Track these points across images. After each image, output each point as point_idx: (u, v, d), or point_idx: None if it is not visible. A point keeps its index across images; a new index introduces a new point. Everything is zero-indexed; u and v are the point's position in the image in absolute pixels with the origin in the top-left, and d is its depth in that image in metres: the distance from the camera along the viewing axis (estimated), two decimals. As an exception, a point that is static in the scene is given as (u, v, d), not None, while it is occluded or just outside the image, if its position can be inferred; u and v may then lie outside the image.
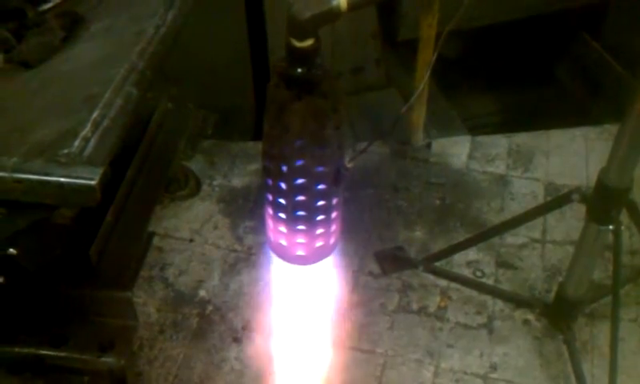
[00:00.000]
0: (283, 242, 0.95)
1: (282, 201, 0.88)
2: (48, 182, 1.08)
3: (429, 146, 2.28)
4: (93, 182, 1.07)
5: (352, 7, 0.73)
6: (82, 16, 1.60)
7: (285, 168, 0.84)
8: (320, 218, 0.91)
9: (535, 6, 2.60)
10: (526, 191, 2.12)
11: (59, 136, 1.15)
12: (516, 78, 2.63)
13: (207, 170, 2.19)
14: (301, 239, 0.93)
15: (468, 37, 2.69)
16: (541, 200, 2.08)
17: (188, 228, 2.05)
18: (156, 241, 1.99)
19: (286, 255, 0.97)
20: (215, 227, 2.05)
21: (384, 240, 2.00)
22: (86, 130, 1.15)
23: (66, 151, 1.11)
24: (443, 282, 1.88)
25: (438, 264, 1.90)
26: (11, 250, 1.34)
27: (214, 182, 2.18)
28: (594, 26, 2.62)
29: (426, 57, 2.04)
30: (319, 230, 0.93)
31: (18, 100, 1.36)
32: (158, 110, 1.88)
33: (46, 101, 1.32)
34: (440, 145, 2.29)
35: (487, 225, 2.00)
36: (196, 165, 2.16)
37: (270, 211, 0.92)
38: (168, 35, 1.38)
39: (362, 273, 1.91)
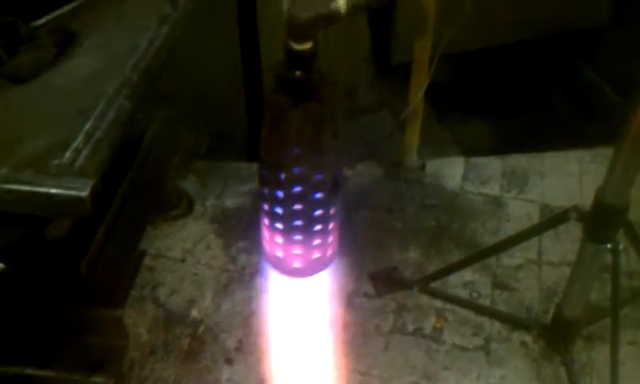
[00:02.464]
0: (279, 254, 0.93)
1: (279, 210, 0.86)
2: (38, 193, 1.06)
3: (422, 167, 2.27)
4: (83, 194, 1.05)
5: (351, 11, 0.72)
6: (74, 32, 1.59)
7: (282, 176, 0.82)
8: (317, 228, 0.89)
9: (529, 30, 2.61)
10: (521, 213, 2.11)
11: (50, 147, 1.13)
12: (509, 102, 2.64)
13: (200, 190, 2.17)
14: (297, 250, 0.91)
15: (461, 61, 2.71)
16: (536, 221, 2.07)
17: (180, 248, 2.02)
18: (148, 260, 1.97)
19: (282, 267, 0.95)
20: (208, 247, 2.03)
21: (378, 261, 1.97)
22: (77, 142, 1.13)
23: (56, 162, 1.09)
24: (439, 303, 1.85)
25: (433, 285, 1.87)
26: (0, 264, 1.31)
27: (207, 203, 2.16)
28: (587, 52, 2.64)
29: (420, 78, 2.04)
30: (316, 241, 0.91)
31: (8, 113, 1.34)
32: (150, 129, 1.86)
33: (38, 114, 1.30)
34: (434, 166, 2.28)
35: (482, 246, 1.99)
36: (189, 185, 2.14)
37: (266, 221, 0.90)
38: (162, 49, 1.37)
39: (357, 294, 1.88)
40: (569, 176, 2.22)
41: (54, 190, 1.06)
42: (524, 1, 2.55)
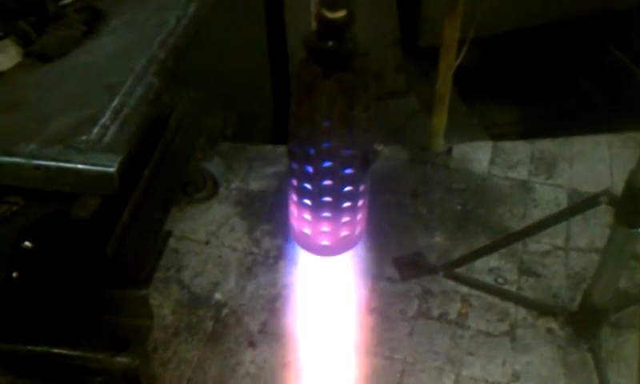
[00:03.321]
0: (307, 231, 0.91)
1: (308, 186, 0.85)
2: (66, 169, 1.07)
3: (449, 151, 2.24)
4: (111, 170, 1.05)
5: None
6: (102, 11, 1.59)
7: (312, 150, 0.80)
8: (346, 204, 0.87)
9: (558, 12, 2.57)
10: (549, 198, 2.07)
11: (78, 124, 1.14)
12: (538, 86, 2.60)
13: (225, 172, 2.17)
14: (326, 227, 0.90)
15: (489, 44, 2.67)
16: (564, 206, 2.03)
17: (205, 230, 2.02)
18: (172, 243, 1.97)
19: (309, 245, 0.94)
20: (232, 230, 2.02)
21: (403, 246, 1.96)
22: (105, 118, 1.13)
23: (84, 138, 1.09)
24: (464, 289, 1.83)
25: (458, 270, 1.85)
26: (26, 242, 1.32)
27: (232, 185, 2.15)
28: (617, 34, 2.59)
29: (449, 60, 2.01)
30: (345, 218, 0.89)
31: (36, 91, 1.35)
32: (177, 110, 1.85)
33: (66, 91, 1.30)
34: (461, 150, 2.25)
35: (509, 231, 1.96)
36: (214, 167, 2.13)
37: (295, 198, 0.89)
38: (190, 27, 1.37)
39: (381, 278, 1.87)
40: (598, 161, 2.18)
41: (81, 166, 1.06)
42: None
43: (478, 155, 2.24)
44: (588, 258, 1.88)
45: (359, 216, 0.92)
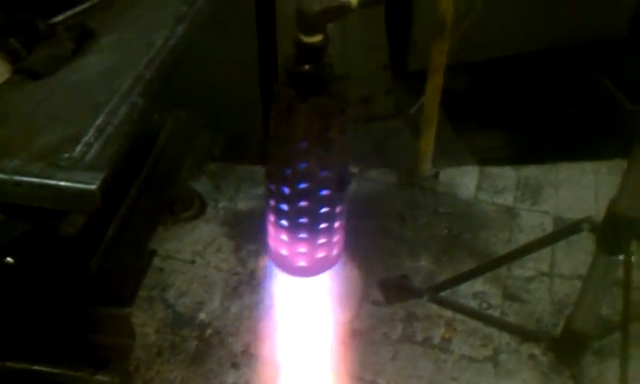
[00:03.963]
0: (284, 252, 0.92)
1: (285, 207, 0.86)
2: (47, 186, 1.07)
3: (436, 175, 2.26)
4: (93, 187, 1.05)
5: (362, 4, 0.72)
6: (92, 29, 1.61)
7: (288, 171, 0.81)
8: (323, 226, 0.88)
9: (546, 40, 2.61)
10: (534, 223, 2.09)
11: (62, 141, 1.14)
12: (526, 112, 2.62)
13: (213, 192, 2.18)
14: (302, 249, 0.90)
15: (478, 70, 2.71)
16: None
17: (190, 250, 2.02)
18: (157, 262, 1.97)
19: (286, 266, 0.94)
20: (218, 250, 2.03)
21: (389, 269, 1.96)
22: (88, 136, 1.14)
23: (67, 156, 1.10)
24: (448, 313, 1.83)
25: (443, 294, 1.85)
26: (8, 258, 1.32)
27: (219, 205, 2.16)
28: (605, 62, 2.62)
29: (436, 82, 2.03)
30: (321, 240, 0.90)
31: (23, 108, 1.36)
32: (164, 128, 1.86)
33: (52, 108, 1.31)
34: (448, 175, 2.27)
35: (494, 256, 1.97)
36: (201, 187, 2.14)
37: (272, 219, 0.90)
38: (177, 48, 1.38)
39: (366, 301, 1.87)
40: (584, 188, 2.19)
41: (63, 183, 1.07)
42: (541, 10, 2.54)
43: (465, 180, 2.25)
44: (572, 285, 1.89)
45: (336, 238, 0.92)
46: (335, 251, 0.95)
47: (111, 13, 1.64)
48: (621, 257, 1.40)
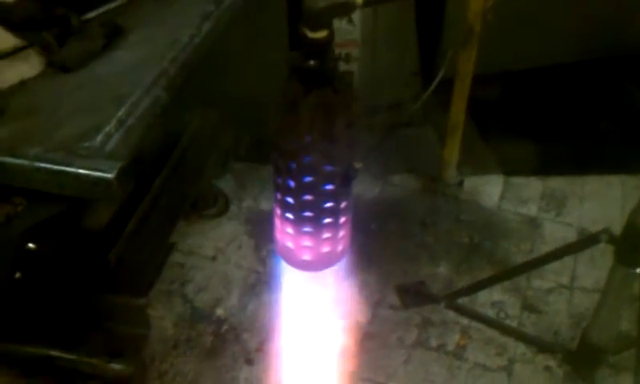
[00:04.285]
0: (290, 245, 0.93)
1: (290, 200, 0.87)
2: (66, 173, 1.10)
3: (461, 183, 2.25)
4: (110, 176, 1.08)
5: (367, 2, 0.73)
6: (121, 27, 1.65)
7: (293, 165, 0.83)
8: (327, 220, 0.89)
9: (578, 52, 2.57)
10: (557, 235, 2.06)
11: (83, 131, 1.18)
12: (555, 124, 2.59)
13: (237, 191, 2.20)
14: (307, 242, 0.92)
15: (508, 80, 2.69)
16: (572, 245, 2.02)
17: (212, 246, 2.05)
18: (179, 257, 2.00)
19: (292, 259, 0.96)
20: (239, 247, 2.05)
21: (407, 274, 1.96)
22: (109, 127, 1.17)
23: (87, 144, 1.13)
24: (464, 321, 1.83)
25: (460, 301, 1.85)
26: (30, 244, 1.36)
27: (243, 204, 2.19)
28: (637, 76, 2.58)
29: (463, 91, 2.03)
30: (326, 234, 0.91)
31: (52, 100, 1.40)
32: (190, 126, 1.90)
33: (79, 100, 1.35)
34: (472, 183, 2.26)
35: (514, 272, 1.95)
36: (226, 185, 2.17)
37: (278, 211, 0.92)
38: (202, 45, 1.41)
39: (382, 305, 1.87)
40: (610, 202, 2.16)
41: (81, 171, 1.10)
42: (573, 22, 2.51)
43: (489, 189, 2.24)
44: (592, 299, 1.85)
45: (341, 233, 0.93)
46: (340, 247, 0.96)
47: (142, 11, 1.68)
48: (638, 270, 1.38)
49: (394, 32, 2.43)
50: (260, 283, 1.94)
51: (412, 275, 1.95)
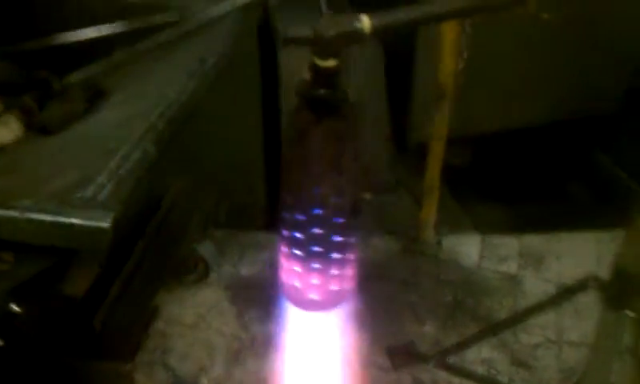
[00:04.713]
0: (297, 284, 0.92)
1: (299, 235, 0.86)
2: (60, 223, 1.08)
3: (439, 243, 2.26)
4: (105, 225, 1.06)
5: (375, 31, 0.75)
6: (104, 89, 1.66)
7: (303, 198, 0.83)
8: (336, 256, 0.88)
9: (545, 114, 2.65)
10: (538, 291, 2.07)
11: (75, 183, 1.16)
12: (526, 187, 2.65)
13: (217, 256, 2.17)
14: (315, 280, 0.90)
15: (478, 144, 2.76)
16: (554, 300, 2.03)
17: (193, 313, 2.00)
18: (160, 325, 1.94)
19: (298, 299, 0.94)
20: (221, 314, 2.01)
21: (395, 334, 1.94)
22: (101, 177, 1.15)
23: (79, 195, 1.11)
24: (456, 380, 1.80)
25: (450, 360, 1.82)
26: (14, 307, 1.30)
27: (223, 269, 2.16)
28: (604, 139, 2.66)
29: (438, 152, 2.07)
30: (334, 271, 0.90)
31: (34, 160, 1.38)
32: (170, 190, 1.88)
33: (64, 158, 1.34)
34: (450, 242, 2.27)
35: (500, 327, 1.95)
36: (206, 251, 2.14)
37: (285, 249, 0.90)
38: (188, 103, 1.42)
39: (372, 366, 1.84)
40: (587, 257, 2.19)
41: (76, 221, 1.07)
42: (540, 84, 2.60)
43: (467, 248, 2.26)
44: (580, 352, 1.86)
45: (349, 271, 0.92)
46: (347, 285, 0.95)
47: (124, 74, 1.69)
48: (630, 313, 1.39)
49: (366, 97, 2.48)
50: (244, 350, 1.89)
51: (399, 335, 1.93)
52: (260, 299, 2.05)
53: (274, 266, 2.10)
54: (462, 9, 0.80)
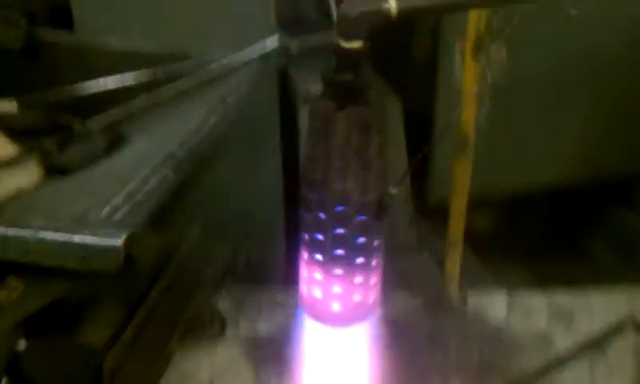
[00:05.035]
0: (318, 294, 0.86)
1: (320, 236, 0.82)
2: (71, 243, 1.04)
3: (464, 299, 2.18)
4: (118, 242, 1.02)
5: (402, 14, 0.73)
6: (124, 133, 1.65)
7: (325, 194, 0.78)
8: (360, 260, 0.83)
9: (567, 176, 2.61)
10: (570, 346, 1.97)
11: (90, 205, 1.13)
12: (549, 248, 2.59)
13: (234, 313, 2.11)
14: (338, 288, 0.85)
15: (499, 209, 2.72)
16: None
17: (208, 371, 1.92)
18: (174, 383, 1.86)
19: (319, 313, 0.88)
20: (237, 372, 1.93)
21: (420, 393, 1.84)
22: (117, 199, 1.13)
23: (94, 215, 1.08)
24: (485, 439, 1.69)
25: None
26: (22, 342, 1.25)
27: (240, 326, 2.08)
28: (626, 195, 2.61)
29: (461, 204, 2.03)
30: (358, 278, 0.84)
31: (53, 194, 1.36)
32: (186, 239, 1.85)
33: (82, 189, 1.32)
34: (476, 299, 2.19)
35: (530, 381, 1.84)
36: (223, 307, 2.08)
37: (306, 256, 0.85)
38: (209, 135, 1.40)
39: (396, 427, 1.73)
40: (619, 312, 2.09)
41: (88, 239, 1.03)
42: (562, 149, 2.58)
43: (494, 305, 2.17)
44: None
45: (373, 279, 0.87)
46: (372, 298, 0.89)
47: (144, 118, 1.69)
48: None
49: (386, 156, 2.46)
50: (262, 409, 1.80)
51: (424, 394, 1.83)
52: (278, 358, 1.97)
53: (291, 323, 2.04)
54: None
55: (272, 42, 1.75)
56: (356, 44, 0.72)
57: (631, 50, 2.32)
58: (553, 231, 2.61)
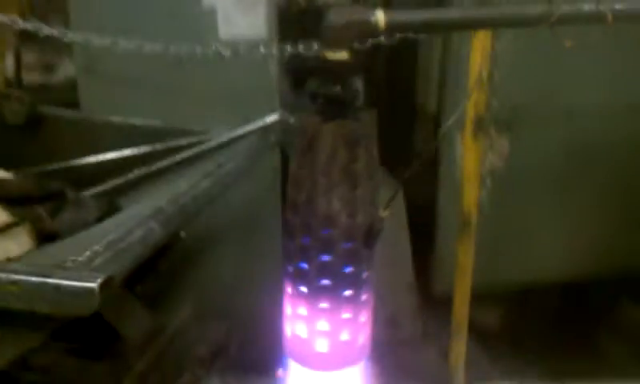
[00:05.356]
0: (302, 332, 0.79)
1: (304, 265, 0.76)
2: (45, 285, 0.98)
3: (471, 390, 2.07)
4: (93, 285, 0.96)
5: (389, 27, 0.70)
6: (119, 204, 1.63)
7: (310, 216, 0.73)
8: (347, 293, 0.77)
9: (572, 273, 2.54)
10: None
11: (69, 251, 1.08)
12: (559, 342, 2.49)
13: (225, 401, 1.98)
14: (323, 324, 0.77)
15: (507, 302, 2.63)
16: None
17: None
18: None
19: (304, 355, 0.80)
20: None
21: None
22: (98, 246, 1.08)
23: (72, 258, 1.03)
24: None
25: None
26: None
27: (230, 414, 1.96)
28: (636, 292, 2.53)
29: (465, 284, 1.96)
30: (346, 313, 0.77)
31: (38, 253, 1.32)
32: (176, 317, 1.78)
33: (65, 244, 1.27)
34: (482, 389, 2.08)
35: None
36: (214, 392, 1.96)
37: (289, 289, 0.79)
38: (201, 196, 1.36)
39: None
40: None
41: (62, 281, 0.98)
42: (570, 244, 2.52)
43: (502, 395, 2.05)
44: None
45: (363, 317, 0.79)
46: (361, 338, 0.81)
47: (140, 189, 1.67)
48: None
49: (388, 240, 2.41)
50: None
51: None
52: None
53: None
54: (480, 18, 0.76)
55: (272, 117, 1.75)
56: (342, 55, 0.70)
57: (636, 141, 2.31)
58: (563, 325, 2.51)
